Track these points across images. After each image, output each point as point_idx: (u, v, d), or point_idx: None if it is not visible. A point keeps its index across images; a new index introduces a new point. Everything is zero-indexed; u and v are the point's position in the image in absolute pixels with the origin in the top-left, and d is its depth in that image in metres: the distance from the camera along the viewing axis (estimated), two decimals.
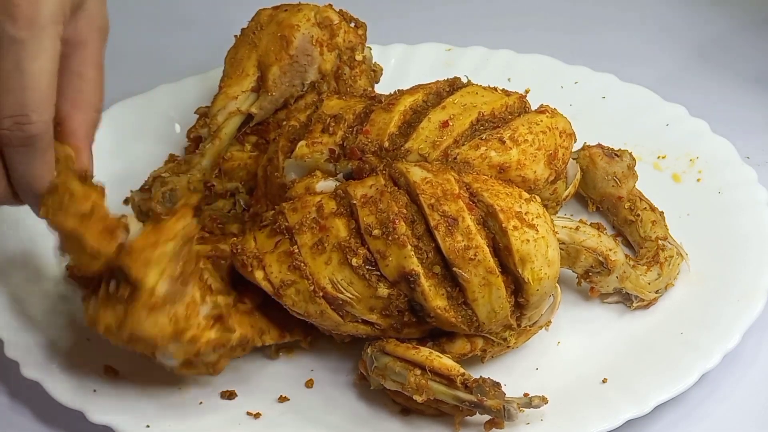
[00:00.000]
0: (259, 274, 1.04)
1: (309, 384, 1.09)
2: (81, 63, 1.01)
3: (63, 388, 1.06)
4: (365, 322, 1.04)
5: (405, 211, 1.02)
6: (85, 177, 1.01)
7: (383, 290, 1.02)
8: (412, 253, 1.01)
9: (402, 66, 1.35)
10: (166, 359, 1.01)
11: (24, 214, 1.20)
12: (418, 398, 1.01)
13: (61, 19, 0.97)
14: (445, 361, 1.02)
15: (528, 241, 1.01)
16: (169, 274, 0.98)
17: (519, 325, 1.06)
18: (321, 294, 1.02)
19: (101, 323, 0.99)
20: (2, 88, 0.96)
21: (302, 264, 1.03)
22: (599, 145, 1.18)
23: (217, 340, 1.00)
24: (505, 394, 1.01)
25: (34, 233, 1.19)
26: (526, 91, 1.30)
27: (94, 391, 1.06)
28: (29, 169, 0.98)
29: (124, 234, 0.99)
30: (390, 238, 1.01)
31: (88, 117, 1.02)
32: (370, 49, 1.22)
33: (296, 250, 1.03)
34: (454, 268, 1.01)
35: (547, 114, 1.09)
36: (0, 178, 0.99)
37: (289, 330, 1.07)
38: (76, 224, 0.98)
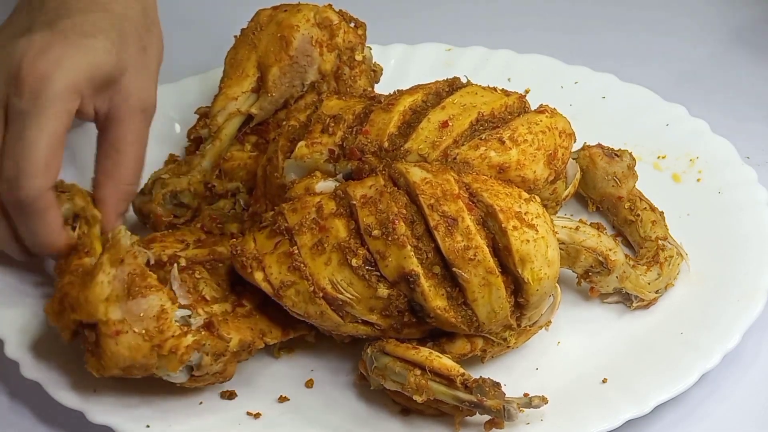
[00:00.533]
0: (258, 276, 1.04)
1: (309, 384, 1.09)
2: (117, 138, 1.10)
3: (63, 388, 1.06)
4: (365, 322, 1.04)
5: (405, 211, 1.02)
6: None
7: (383, 291, 1.02)
8: (412, 253, 1.01)
9: (402, 66, 1.35)
10: (170, 378, 1.02)
11: None
12: (418, 398, 1.01)
13: (73, 96, 1.05)
14: (445, 362, 1.02)
15: (528, 241, 1.01)
16: (115, 297, 1.00)
17: (519, 325, 1.06)
18: (321, 295, 1.02)
19: (92, 370, 1.02)
20: (4, 154, 1.04)
21: (302, 265, 1.03)
22: (599, 145, 1.18)
23: (196, 343, 1.00)
24: (505, 394, 1.01)
25: None
26: (526, 91, 1.30)
27: (94, 391, 1.06)
28: (29, 229, 1.06)
29: None
30: (390, 239, 1.01)
31: (120, 189, 1.10)
32: (370, 49, 1.22)
33: (296, 251, 1.03)
34: (454, 269, 1.01)
35: (547, 114, 1.09)
36: (9, 237, 1.08)
37: (293, 326, 1.07)
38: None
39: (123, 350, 0.99)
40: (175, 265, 1.05)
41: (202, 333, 1.01)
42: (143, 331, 0.99)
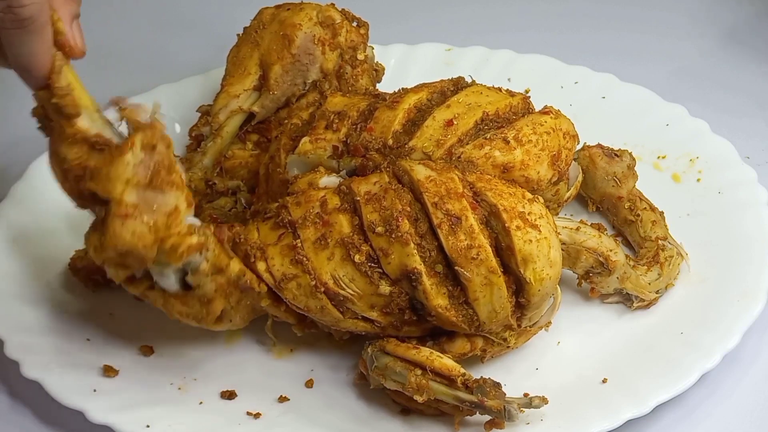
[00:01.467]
0: (261, 266, 1.04)
1: (309, 384, 1.09)
2: None
3: (63, 388, 1.05)
4: (365, 319, 1.04)
5: (408, 208, 1.02)
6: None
7: (385, 288, 1.02)
8: (415, 251, 1.01)
9: (402, 66, 1.35)
10: (161, 276, 1.00)
11: (25, 214, 1.21)
12: (419, 398, 1.01)
13: None
14: (445, 362, 1.02)
15: (530, 241, 1.01)
16: (136, 182, 0.97)
17: (519, 326, 1.06)
18: (322, 289, 1.02)
19: (90, 246, 0.99)
20: None
21: (304, 258, 1.03)
22: (599, 145, 1.18)
23: (200, 244, 0.98)
24: (505, 395, 1.01)
25: (35, 233, 1.19)
26: (526, 91, 1.30)
27: (94, 391, 1.06)
28: (22, 49, 1.00)
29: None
30: (393, 236, 1.01)
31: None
32: (372, 48, 1.22)
33: (299, 245, 1.03)
34: (456, 267, 1.01)
35: (551, 115, 1.09)
36: None
37: None
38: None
39: (126, 234, 0.96)
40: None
41: (209, 237, 0.99)
42: (151, 222, 0.96)
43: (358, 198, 1.03)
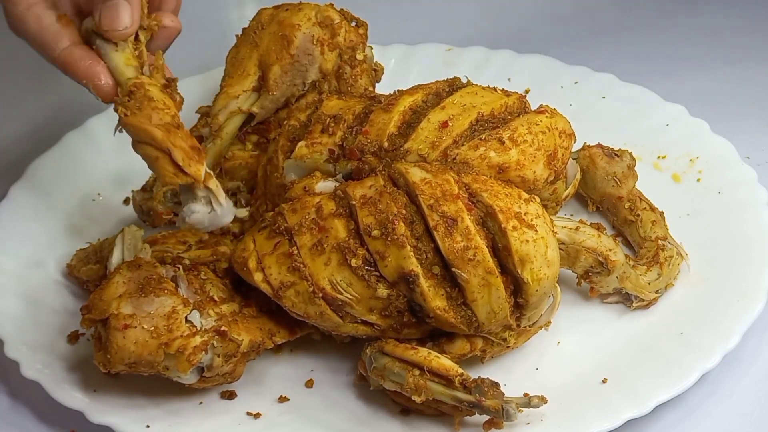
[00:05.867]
0: (258, 276, 1.04)
1: (309, 384, 1.09)
2: None
3: (63, 388, 1.06)
4: (365, 322, 1.04)
5: (404, 211, 1.02)
6: (167, 85, 1.03)
7: (383, 291, 1.02)
8: (412, 253, 1.01)
9: (402, 66, 1.35)
10: (179, 378, 1.02)
11: (25, 214, 1.21)
12: (417, 398, 1.01)
13: None
14: (443, 362, 1.02)
15: (527, 241, 1.01)
16: (129, 295, 1.00)
17: (518, 326, 1.06)
18: (320, 295, 1.02)
19: (98, 364, 1.01)
20: None
21: (301, 265, 1.03)
22: (599, 145, 1.18)
23: (204, 343, 1.01)
24: (503, 394, 1.01)
25: (35, 233, 1.20)
26: (526, 91, 1.30)
27: (94, 391, 1.06)
28: (113, 12, 1.02)
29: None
30: (389, 239, 1.01)
31: None
32: (371, 48, 1.22)
33: (295, 251, 1.03)
34: (454, 269, 1.01)
35: (547, 114, 1.09)
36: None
37: (299, 326, 1.07)
38: (162, 136, 0.99)
39: (130, 345, 0.99)
40: (180, 266, 1.05)
41: (211, 334, 1.01)
42: (152, 328, 0.99)
43: (354, 202, 1.03)
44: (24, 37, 1.05)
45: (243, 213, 1.14)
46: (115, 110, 1.01)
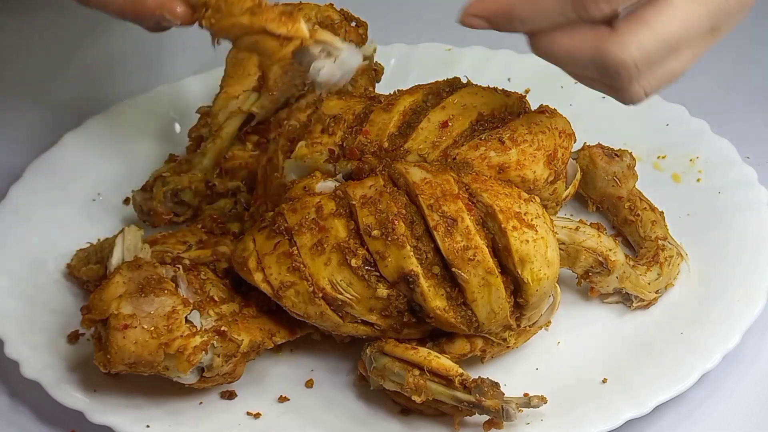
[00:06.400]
0: (258, 276, 1.04)
1: (309, 384, 1.09)
2: None
3: (63, 388, 1.06)
4: (365, 322, 1.04)
5: (404, 211, 1.02)
6: None
7: (382, 291, 1.02)
8: (411, 253, 1.01)
9: (402, 66, 1.35)
10: (179, 378, 1.02)
11: (25, 214, 1.21)
12: (417, 398, 1.01)
13: None
14: (443, 362, 1.02)
15: (527, 241, 1.01)
16: (129, 295, 1.00)
17: (518, 326, 1.06)
18: (320, 295, 1.02)
19: (98, 364, 1.01)
20: None
21: (301, 265, 1.03)
22: (599, 145, 1.18)
23: (204, 344, 1.01)
24: (503, 394, 1.01)
25: (34, 233, 1.19)
26: (526, 91, 1.30)
27: (94, 391, 1.06)
28: None
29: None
30: (389, 239, 1.01)
31: None
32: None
33: (295, 251, 1.03)
34: (454, 269, 1.01)
35: (547, 114, 1.09)
36: None
37: (299, 326, 1.07)
38: (250, 20, 0.98)
39: (130, 345, 0.99)
40: (180, 266, 1.05)
41: (211, 334, 1.01)
42: (152, 328, 1.00)
43: (354, 202, 1.03)
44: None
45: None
46: (202, 26, 1.00)
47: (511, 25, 0.91)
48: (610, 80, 0.92)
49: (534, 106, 1.12)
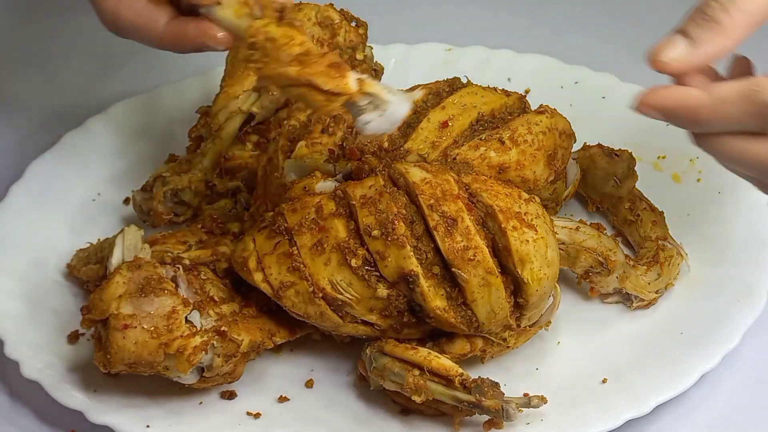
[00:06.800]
0: (258, 276, 1.04)
1: (309, 384, 1.09)
2: None
3: (63, 388, 1.06)
4: (365, 322, 1.04)
5: (404, 211, 1.02)
6: (282, 16, 0.97)
7: (382, 291, 1.02)
8: (412, 253, 1.01)
9: (402, 66, 1.35)
10: (179, 378, 1.02)
11: (25, 214, 1.21)
12: (417, 398, 1.01)
13: None
14: (443, 362, 1.02)
15: (527, 241, 1.01)
16: (129, 295, 1.00)
17: (518, 326, 1.06)
18: (320, 295, 1.02)
19: (98, 364, 1.01)
20: None
21: (301, 265, 1.03)
22: (599, 145, 1.18)
23: (204, 344, 1.01)
24: (503, 394, 1.01)
25: (34, 233, 1.19)
26: (526, 91, 1.30)
27: (94, 391, 1.06)
28: None
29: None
30: (389, 239, 1.01)
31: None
32: (371, 48, 1.22)
33: (295, 251, 1.03)
34: (454, 269, 1.01)
35: (547, 114, 1.09)
36: None
37: (299, 326, 1.08)
38: (298, 72, 0.94)
39: (130, 345, 0.99)
40: (180, 266, 1.05)
41: (211, 334, 1.01)
42: (152, 328, 1.00)
43: (354, 202, 1.03)
44: (120, 30, 1.04)
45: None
46: (248, 67, 0.97)
47: (689, 125, 0.89)
48: None
49: (534, 106, 1.13)
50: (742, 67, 0.93)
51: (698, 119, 0.87)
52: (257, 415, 1.06)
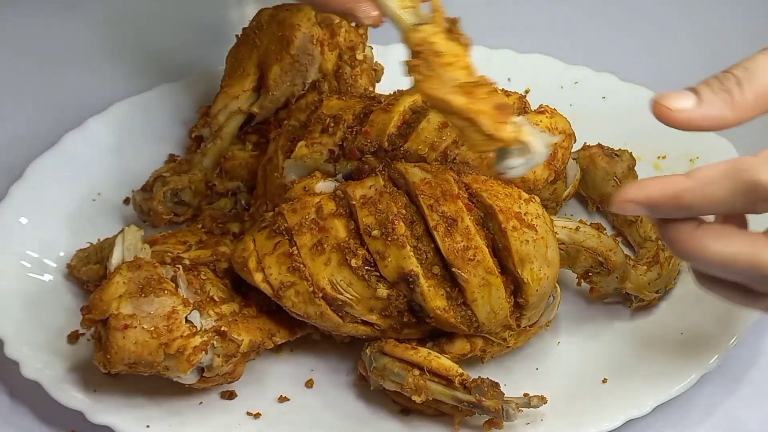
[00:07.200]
0: (258, 276, 1.04)
1: (309, 384, 1.09)
2: None
3: (63, 388, 1.06)
4: (365, 322, 1.04)
5: (404, 211, 1.02)
6: (451, 29, 0.96)
7: (383, 291, 1.02)
8: (412, 253, 1.01)
9: (402, 66, 1.34)
10: (179, 379, 1.02)
11: (25, 214, 1.21)
12: (417, 399, 1.01)
13: None
14: (443, 362, 1.02)
15: (527, 241, 1.01)
16: (129, 295, 1.00)
17: (518, 326, 1.06)
18: (320, 295, 1.02)
19: (98, 364, 1.01)
20: None
21: (301, 265, 1.03)
22: (599, 145, 1.18)
23: (204, 344, 1.01)
24: (503, 394, 1.01)
25: (34, 233, 1.19)
26: (526, 91, 1.30)
27: (94, 391, 1.06)
28: None
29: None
30: (389, 239, 1.01)
31: None
32: (371, 48, 1.22)
33: (295, 251, 1.03)
34: (454, 269, 1.01)
35: (547, 114, 1.09)
36: None
37: (299, 326, 1.08)
38: (463, 105, 0.92)
39: (130, 345, 0.99)
40: (180, 266, 1.05)
41: (211, 334, 1.01)
42: (152, 328, 1.00)
43: (354, 202, 1.03)
44: None
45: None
46: (407, 73, 0.94)
47: (677, 213, 0.86)
48: (760, 286, 0.87)
49: (534, 106, 1.12)
50: None
51: (686, 204, 0.86)
52: (257, 415, 1.06)
